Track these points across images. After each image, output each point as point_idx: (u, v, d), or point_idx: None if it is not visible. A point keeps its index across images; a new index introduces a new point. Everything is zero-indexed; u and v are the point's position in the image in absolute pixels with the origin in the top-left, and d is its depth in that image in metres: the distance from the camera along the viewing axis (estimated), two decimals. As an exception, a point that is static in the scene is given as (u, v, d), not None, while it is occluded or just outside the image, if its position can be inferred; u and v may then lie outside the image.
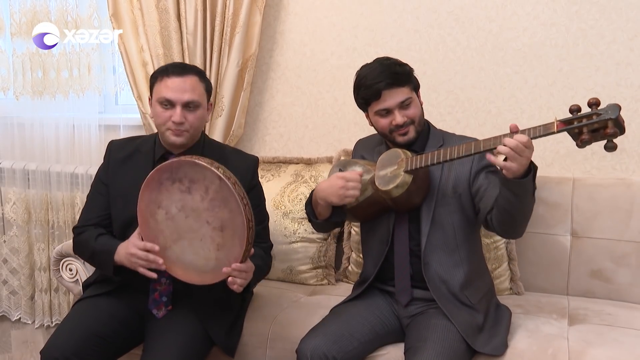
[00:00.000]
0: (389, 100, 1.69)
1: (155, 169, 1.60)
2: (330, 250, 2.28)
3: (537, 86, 2.23)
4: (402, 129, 1.71)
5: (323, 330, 1.64)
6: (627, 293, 2.01)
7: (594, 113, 1.40)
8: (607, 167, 2.16)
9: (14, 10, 2.71)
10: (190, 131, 1.76)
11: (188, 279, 1.62)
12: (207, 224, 1.57)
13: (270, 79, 2.60)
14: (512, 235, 1.68)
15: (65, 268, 2.16)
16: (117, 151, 1.88)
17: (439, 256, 1.71)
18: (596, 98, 1.42)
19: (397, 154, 1.70)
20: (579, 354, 1.61)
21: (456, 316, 1.64)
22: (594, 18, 2.14)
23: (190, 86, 1.74)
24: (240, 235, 1.53)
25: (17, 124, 2.85)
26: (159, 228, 1.63)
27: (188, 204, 1.58)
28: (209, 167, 1.53)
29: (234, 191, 1.51)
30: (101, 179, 1.88)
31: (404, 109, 1.70)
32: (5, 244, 2.91)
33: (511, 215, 1.56)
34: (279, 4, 2.53)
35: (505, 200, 1.53)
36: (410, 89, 1.72)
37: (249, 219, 1.52)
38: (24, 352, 2.89)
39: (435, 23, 2.33)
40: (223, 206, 1.54)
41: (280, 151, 2.60)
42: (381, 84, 1.68)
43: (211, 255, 1.58)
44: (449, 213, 1.72)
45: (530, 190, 1.51)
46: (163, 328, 1.72)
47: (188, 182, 1.57)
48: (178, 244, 1.62)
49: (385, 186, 1.66)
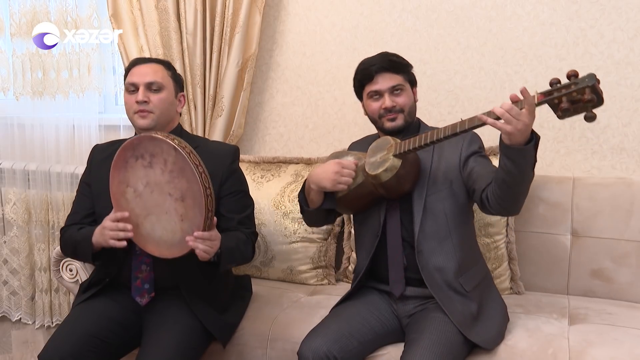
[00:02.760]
0: (380, 82, 1.77)
1: (120, 148, 1.64)
2: (331, 250, 2.28)
3: (537, 86, 2.23)
4: (390, 114, 1.76)
5: (323, 330, 1.65)
6: (628, 292, 2.01)
7: (572, 83, 1.43)
8: (607, 166, 2.17)
9: (13, 10, 2.71)
10: (155, 113, 1.80)
11: (160, 254, 1.65)
12: (169, 197, 1.60)
13: (270, 78, 2.60)
14: (509, 211, 1.64)
15: (65, 268, 2.16)
16: (99, 153, 1.94)
17: (431, 244, 1.72)
18: (574, 70, 1.44)
19: (386, 140, 1.73)
20: (579, 354, 1.61)
21: (450, 307, 1.65)
22: (593, 17, 2.14)
23: (153, 70, 1.84)
24: (200, 204, 1.55)
25: (17, 124, 2.85)
26: (130, 207, 1.66)
27: (151, 178, 1.61)
28: (165, 139, 1.56)
29: (189, 160, 1.54)
30: (84, 180, 1.94)
31: (395, 95, 1.77)
32: (5, 245, 2.91)
33: (510, 187, 1.54)
34: (278, 4, 2.54)
35: (505, 171, 1.51)
36: (404, 78, 1.78)
37: (205, 187, 1.54)
38: (25, 353, 2.89)
39: (435, 23, 2.33)
40: (181, 176, 1.57)
41: (280, 151, 2.60)
42: (375, 66, 1.77)
43: (177, 227, 1.61)
44: (441, 200, 1.73)
45: (531, 162, 1.50)
46: (159, 324, 1.72)
47: (149, 157, 1.60)
48: (148, 220, 1.65)
49: (375, 170, 1.68)
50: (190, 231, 1.58)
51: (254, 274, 2.27)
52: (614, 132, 2.16)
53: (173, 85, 1.87)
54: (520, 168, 1.49)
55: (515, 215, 1.67)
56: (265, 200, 2.26)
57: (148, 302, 1.80)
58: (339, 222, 2.28)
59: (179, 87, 1.90)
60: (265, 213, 2.25)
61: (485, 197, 1.62)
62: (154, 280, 1.80)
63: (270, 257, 2.26)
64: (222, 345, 1.82)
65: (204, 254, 1.59)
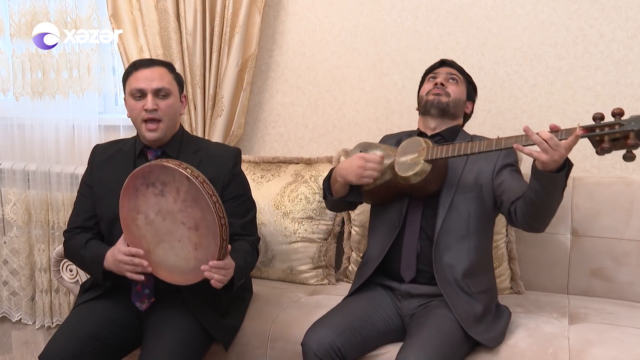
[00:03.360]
0: (441, 69, 1.93)
1: (129, 176, 1.62)
2: (331, 250, 2.28)
3: (536, 85, 2.23)
4: (438, 89, 1.85)
5: (328, 322, 1.66)
6: (628, 292, 2.01)
7: (617, 123, 1.42)
8: (607, 165, 2.16)
9: (13, 11, 2.71)
10: (164, 121, 1.78)
11: (173, 281, 1.64)
12: (182, 225, 1.58)
13: (270, 78, 2.60)
14: (535, 229, 1.68)
15: (65, 269, 2.16)
16: (101, 154, 1.92)
17: (449, 240, 1.74)
18: (620, 108, 1.44)
19: (418, 142, 1.75)
20: (579, 353, 1.61)
21: (455, 303, 1.66)
22: (593, 17, 2.14)
23: (159, 75, 1.80)
24: (214, 233, 1.54)
25: (17, 124, 2.85)
26: (141, 233, 1.65)
27: (163, 207, 1.60)
28: (177, 169, 1.54)
29: (203, 190, 1.52)
30: (85, 181, 1.91)
31: (451, 82, 1.89)
32: (5, 245, 2.91)
33: (537, 208, 1.58)
34: (278, 4, 2.53)
35: (534, 192, 1.54)
36: (464, 82, 1.92)
37: (220, 216, 1.53)
38: (25, 353, 2.89)
39: (434, 22, 2.33)
40: (195, 206, 1.55)
41: (280, 151, 2.60)
42: (447, 61, 1.97)
43: (190, 255, 1.60)
44: (467, 200, 1.76)
45: (561, 187, 1.53)
46: (160, 325, 1.72)
47: (160, 186, 1.59)
48: (160, 247, 1.63)
49: (404, 173, 1.71)
50: (205, 259, 1.56)
51: (254, 274, 2.27)
52: (613, 132, 2.16)
53: (177, 88, 1.85)
54: (549, 192, 1.52)
55: (540, 232, 1.69)
56: (265, 200, 2.26)
57: (148, 307, 1.80)
58: (339, 222, 2.28)
59: (181, 88, 1.89)
60: (265, 213, 2.25)
61: (514, 210, 1.65)
62: (155, 284, 1.80)
63: (270, 257, 2.26)
64: (224, 347, 1.82)
65: (219, 283, 1.58)
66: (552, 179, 1.49)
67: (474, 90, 1.99)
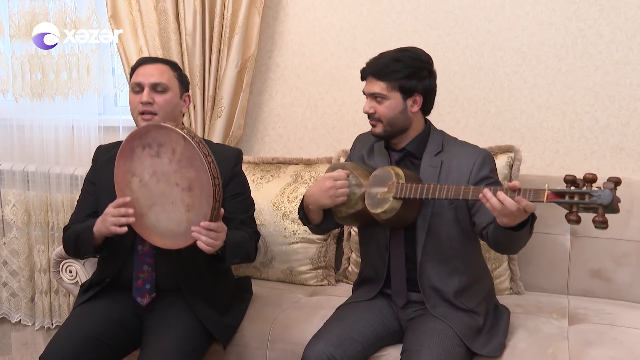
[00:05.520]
0: (367, 86, 1.73)
1: (127, 137, 1.63)
2: (330, 251, 2.27)
3: (536, 86, 2.23)
4: (370, 120, 1.73)
5: (326, 335, 1.64)
6: (627, 292, 2.01)
7: (587, 192, 1.35)
8: (607, 166, 2.16)
9: (12, 12, 2.71)
10: (159, 114, 1.80)
11: (164, 245, 1.64)
12: (176, 186, 1.59)
13: (270, 79, 2.60)
14: (506, 254, 1.73)
15: (65, 270, 2.16)
16: (104, 154, 1.94)
17: (433, 264, 1.71)
18: (593, 174, 1.36)
19: (389, 174, 1.66)
20: (579, 354, 1.62)
21: (453, 319, 1.64)
22: (592, 17, 2.15)
23: (159, 71, 1.83)
24: (207, 193, 1.54)
25: (17, 125, 2.84)
26: (135, 197, 1.65)
27: (158, 168, 1.60)
28: (174, 128, 1.56)
29: (198, 149, 1.53)
30: (90, 179, 1.94)
31: (376, 102, 1.70)
32: (5, 246, 2.90)
33: (505, 248, 1.62)
34: (277, 4, 2.53)
35: (498, 237, 1.55)
36: (389, 87, 1.67)
37: (214, 176, 1.53)
38: (24, 354, 2.89)
39: (434, 23, 2.33)
40: (189, 166, 1.56)
41: (279, 152, 2.60)
42: (367, 69, 1.72)
43: (182, 217, 1.59)
44: (444, 224, 1.70)
45: (525, 239, 1.53)
46: (160, 324, 1.72)
47: (157, 146, 1.59)
48: (152, 211, 1.63)
49: (374, 209, 1.65)
50: (197, 222, 1.56)
51: (253, 274, 2.27)
52: (613, 132, 2.16)
53: (178, 86, 1.87)
54: (513, 241, 1.53)
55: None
56: (265, 201, 2.26)
57: (149, 302, 1.80)
58: (338, 223, 2.29)
59: (184, 87, 1.91)
60: (264, 214, 2.25)
61: (486, 234, 1.62)
62: (155, 280, 1.80)
63: (270, 257, 2.26)
64: (222, 346, 1.82)
65: (208, 247, 1.56)
66: (513, 236, 1.49)
67: (410, 84, 1.68)
